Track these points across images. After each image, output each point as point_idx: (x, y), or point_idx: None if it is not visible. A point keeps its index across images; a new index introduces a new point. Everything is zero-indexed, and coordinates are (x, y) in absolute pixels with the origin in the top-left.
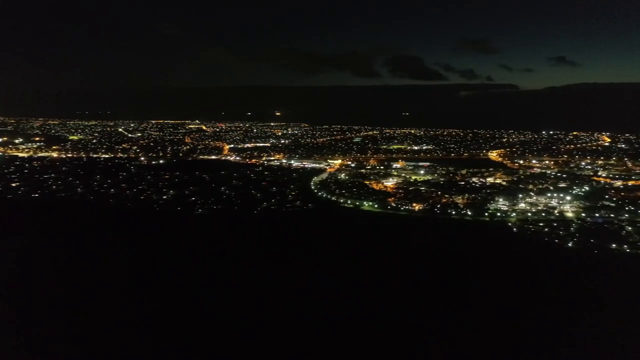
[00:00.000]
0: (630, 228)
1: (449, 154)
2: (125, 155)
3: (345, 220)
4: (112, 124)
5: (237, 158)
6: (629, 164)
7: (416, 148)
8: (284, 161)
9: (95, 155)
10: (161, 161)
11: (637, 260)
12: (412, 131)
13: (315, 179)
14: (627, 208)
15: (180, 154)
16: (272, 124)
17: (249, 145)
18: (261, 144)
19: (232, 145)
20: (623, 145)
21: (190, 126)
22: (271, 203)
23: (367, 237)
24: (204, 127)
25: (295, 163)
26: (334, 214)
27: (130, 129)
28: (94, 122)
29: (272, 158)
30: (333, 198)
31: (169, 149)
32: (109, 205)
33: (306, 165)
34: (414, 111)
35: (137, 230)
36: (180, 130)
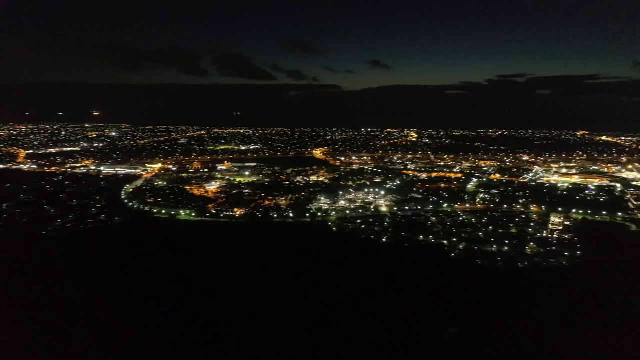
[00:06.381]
0: (434, 219)
1: (276, 153)
2: None
3: (155, 234)
4: None
5: (34, 166)
6: (432, 157)
7: (244, 148)
8: (93, 168)
9: None
10: None
11: (441, 249)
12: (242, 131)
13: (128, 187)
14: (431, 199)
15: None
16: (87, 125)
17: (53, 150)
18: (69, 149)
19: (30, 151)
20: (427, 141)
21: None
22: (68, 220)
23: (173, 253)
24: None
25: (106, 169)
26: (143, 228)
27: None
28: None
29: (79, 165)
30: (146, 208)
31: None
32: None
33: (119, 172)
34: (245, 110)
35: None
36: None
